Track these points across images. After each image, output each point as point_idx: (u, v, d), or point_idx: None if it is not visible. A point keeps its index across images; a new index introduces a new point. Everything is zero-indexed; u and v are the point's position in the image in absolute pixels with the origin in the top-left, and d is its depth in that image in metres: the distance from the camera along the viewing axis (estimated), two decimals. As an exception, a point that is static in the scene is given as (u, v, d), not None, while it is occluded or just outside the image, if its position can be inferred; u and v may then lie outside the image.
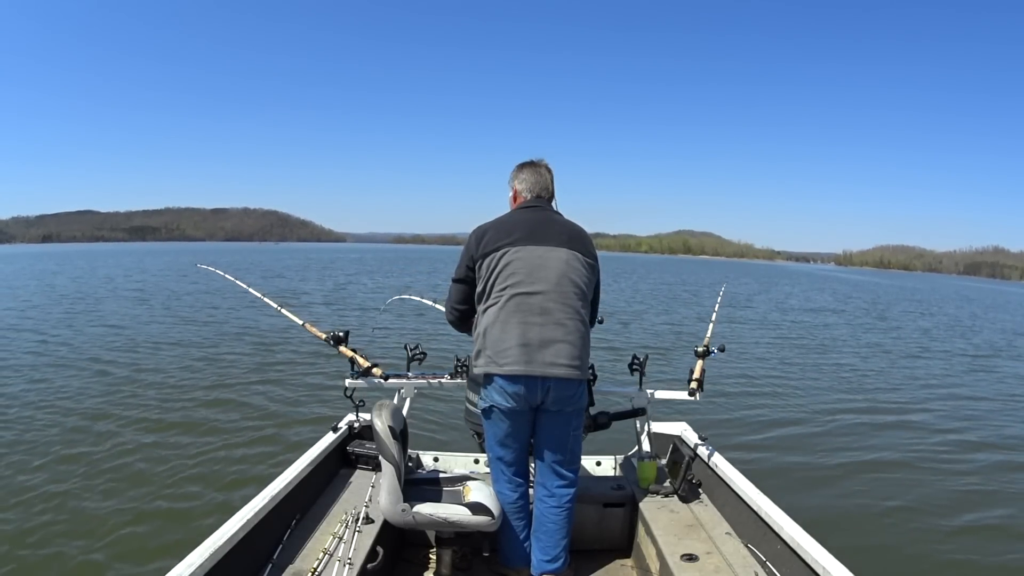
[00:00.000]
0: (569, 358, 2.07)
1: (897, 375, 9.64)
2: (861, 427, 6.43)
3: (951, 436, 6.32)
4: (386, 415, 2.12)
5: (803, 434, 6.07)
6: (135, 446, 4.93)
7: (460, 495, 2.24)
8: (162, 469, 4.50)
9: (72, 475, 4.32)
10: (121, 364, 8.03)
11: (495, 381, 2.08)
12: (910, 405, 7.60)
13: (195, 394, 6.61)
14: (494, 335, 2.08)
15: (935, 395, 8.30)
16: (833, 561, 1.75)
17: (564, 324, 2.08)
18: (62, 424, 5.42)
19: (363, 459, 2.71)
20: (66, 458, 4.62)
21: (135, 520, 3.72)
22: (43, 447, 4.83)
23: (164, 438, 5.15)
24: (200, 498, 4.06)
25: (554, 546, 2.19)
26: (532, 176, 2.30)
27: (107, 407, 6.01)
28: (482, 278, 2.16)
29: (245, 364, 8.26)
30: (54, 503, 3.91)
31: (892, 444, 5.89)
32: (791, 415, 6.75)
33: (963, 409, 7.59)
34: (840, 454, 5.50)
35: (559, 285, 2.10)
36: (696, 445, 2.74)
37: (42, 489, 4.08)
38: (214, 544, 1.71)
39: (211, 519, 3.48)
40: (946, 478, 5.06)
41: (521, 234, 2.15)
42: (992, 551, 3.88)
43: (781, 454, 5.43)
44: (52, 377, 7.19)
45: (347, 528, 2.13)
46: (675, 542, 2.16)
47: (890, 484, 4.85)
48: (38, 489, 4.08)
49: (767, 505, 2.13)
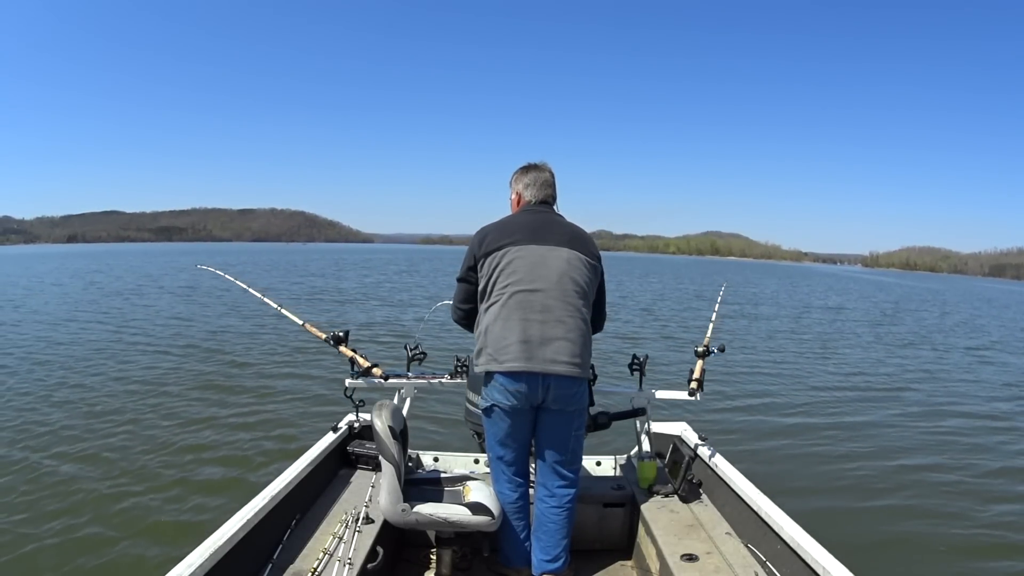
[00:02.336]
0: (570, 356, 2.07)
1: (902, 376, 9.63)
2: (862, 427, 6.43)
3: (952, 435, 6.31)
4: (386, 415, 2.12)
5: (803, 434, 6.06)
6: (135, 446, 4.93)
7: (460, 495, 2.24)
8: (161, 469, 4.50)
9: (72, 473, 4.33)
10: (125, 362, 8.05)
11: (496, 379, 2.09)
12: (913, 406, 7.59)
13: (195, 394, 6.62)
14: (495, 333, 2.09)
15: (940, 396, 8.26)
16: (833, 561, 1.75)
17: (564, 322, 2.09)
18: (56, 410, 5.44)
19: (363, 459, 2.71)
20: (66, 455, 4.63)
21: (134, 520, 3.72)
22: (46, 439, 4.84)
23: (164, 438, 5.15)
24: (200, 498, 4.05)
25: (555, 546, 2.19)
26: (535, 179, 2.31)
27: (107, 403, 6.02)
28: (484, 277, 2.17)
29: (245, 364, 8.25)
30: (50, 497, 3.92)
31: (893, 444, 5.89)
32: (791, 415, 6.74)
33: (968, 410, 7.57)
34: (841, 454, 5.50)
35: (560, 284, 2.11)
36: (696, 445, 2.74)
37: (41, 481, 4.10)
38: (214, 544, 1.71)
39: (211, 519, 3.48)
40: (947, 479, 5.06)
41: (523, 234, 2.17)
42: (993, 551, 3.87)
43: (781, 454, 5.43)
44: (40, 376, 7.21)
45: (347, 528, 2.13)
46: (675, 542, 2.16)
47: (891, 484, 4.85)
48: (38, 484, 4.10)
49: (767, 505, 2.13)
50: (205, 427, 5.49)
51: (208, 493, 4.13)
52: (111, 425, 5.45)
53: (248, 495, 2.10)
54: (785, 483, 4.54)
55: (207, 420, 5.70)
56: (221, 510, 3.61)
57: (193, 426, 5.50)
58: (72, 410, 5.88)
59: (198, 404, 6.21)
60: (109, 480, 4.27)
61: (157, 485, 4.21)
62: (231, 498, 3.90)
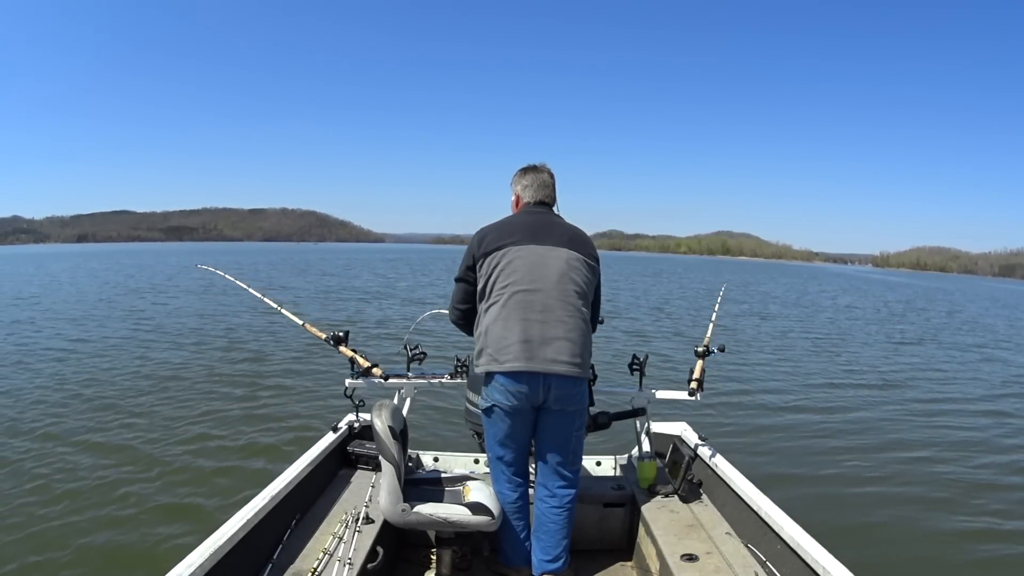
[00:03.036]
0: (570, 355, 2.08)
1: (905, 374, 9.62)
2: (863, 427, 6.42)
3: (954, 437, 6.30)
4: (386, 415, 2.12)
5: (804, 434, 6.06)
6: (134, 445, 4.94)
7: (460, 495, 2.24)
8: (161, 468, 4.50)
9: (72, 471, 4.34)
10: (124, 363, 8.07)
11: (497, 379, 2.09)
12: (915, 407, 7.57)
13: (194, 393, 6.62)
14: (496, 333, 2.09)
15: (943, 398, 8.22)
16: (833, 561, 1.75)
17: (565, 322, 2.09)
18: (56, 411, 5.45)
19: (363, 459, 2.71)
20: (65, 447, 4.64)
21: (134, 520, 3.72)
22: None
23: (163, 437, 5.15)
24: (199, 498, 4.05)
25: (555, 546, 2.19)
26: (533, 180, 2.32)
27: (108, 401, 6.02)
28: (483, 277, 2.17)
29: (245, 364, 8.26)
30: (47, 495, 3.93)
31: (894, 445, 5.88)
32: (792, 415, 6.74)
33: (971, 411, 7.56)
34: (842, 454, 5.49)
35: (560, 284, 2.12)
36: (696, 445, 2.74)
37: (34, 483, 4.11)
38: (214, 544, 1.71)
39: (211, 519, 3.48)
40: (948, 479, 5.05)
41: (522, 234, 2.18)
42: (993, 552, 3.87)
43: (781, 454, 5.43)
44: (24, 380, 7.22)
45: (347, 528, 2.13)
46: (675, 542, 2.16)
47: (891, 484, 4.85)
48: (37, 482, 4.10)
49: (767, 505, 2.13)
50: (205, 427, 5.49)
51: (207, 493, 4.13)
52: (111, 425, 5.46)
53: (248, 495, 2.10)
54: (785, 483, 4.54)
55: (207, 420, 5.69)
56: (221, 510, 3.61)
57: (193, 426, 5.50)
58: (75, 407, 5.89)
59: (197, 404, 6.21)
60: (106, 479, 4.27)
61: (155, 485, 4.22)
62: (231, 498, 3.90)
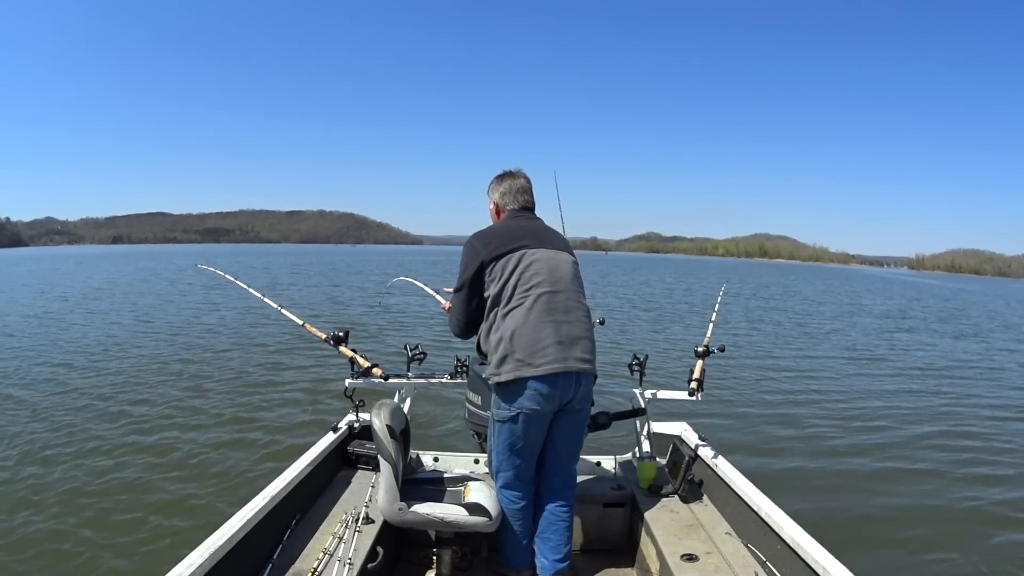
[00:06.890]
0: (591, 354, 2.15)
1: (906, 377, 9.60)
2: (863, 427, 6.41)
3: (956, 435, 6.29)
4: (385, 415, 2.12)
5: (804, 434, 6.05)
6: (134, 444, 4.94)
7: (460, 495, 2.24)
8: (160, 469, 4.50)
9: (72, 471, 4.34)
10: (126, 362, 8.08)
11: (530, 385, 2.03)
12: (916, 407, 7.55)
13: (194, 393, 6.62)
14: (526, 336, 2.04)
15: (945, 398, 8.20)
16: (833, 561, 1.75)
17: (583, 321, 2.16)
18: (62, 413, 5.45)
19: (363, 459, 2.71)
20: (58, 454, 4.64)
21: (133, 520, 3.72)
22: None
23: (162, 437, 5.15)
24: (199, 498, 4.05)
25: (564, 544, 2.22)
26: (510, 187, 2.32)
27: (106, 401, 6.03)
28: (497, 280, 2.12)
29: (245, 364, 8.25)
30: (45, 495, 3.94)
31: (895, 445, 5.87)
32: (792, 415, 6.73)
33: (973, 412, 7.53)
34: (842, 454, 5.49)
35: (573, 285, 2.19)
36: (696, 445, 2.74)
37: (35, 483, 4.11)
38: (214, 544, 1.71)
39: (210, 519, 3.47)
40: (949, 479, 5.05)
41: (531, 239, 2.19)
42: (994, 552, 3.87)
43: (782, 454, 5.42)
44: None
45: (347, 528, 2.13)
46: (675, 542, 2.16)
47: (892, 485, 4.84)
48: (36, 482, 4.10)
49: (767, 505, 2.13)
50: (204, 427, 5.49)
51: (207, 493, 4.13)
52: (109, 425, 5.46)
53: (248, 495, 2.10)
54: (786, 483, 4.54)
55: (206, 420, 5.70)
56: (221, 510, 3.61)
57: (192, 426, 5.50)
58: (75, 407, 5.89)
59: (197, 404, 6.21)
60: (105, 478, 4.28)
61: (155, 484, 4.22)
62: (231, 498, 3.91)
